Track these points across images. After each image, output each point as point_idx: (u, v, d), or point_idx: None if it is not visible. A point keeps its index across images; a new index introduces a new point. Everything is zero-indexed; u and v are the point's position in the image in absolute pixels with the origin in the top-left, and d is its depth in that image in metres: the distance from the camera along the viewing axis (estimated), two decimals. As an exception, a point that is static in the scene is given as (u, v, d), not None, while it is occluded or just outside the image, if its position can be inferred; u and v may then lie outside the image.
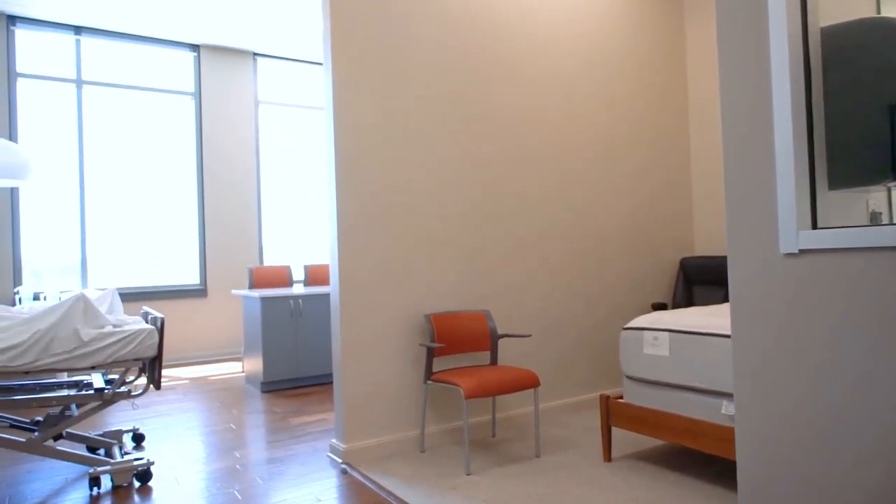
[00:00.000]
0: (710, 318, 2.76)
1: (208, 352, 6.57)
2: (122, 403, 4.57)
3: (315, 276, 6.07)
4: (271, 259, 7.08)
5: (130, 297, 6.14)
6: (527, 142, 3.86)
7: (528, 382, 3.09)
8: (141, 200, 6.41)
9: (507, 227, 3.75)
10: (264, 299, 4.83)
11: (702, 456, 3.06)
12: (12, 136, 5.72)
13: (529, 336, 3.27)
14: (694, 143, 4.73)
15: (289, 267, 6.03)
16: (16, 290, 5.60)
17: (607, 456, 3.05)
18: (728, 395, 2.55)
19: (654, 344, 2.85)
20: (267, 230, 7.07)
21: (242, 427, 3.87)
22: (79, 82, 6.11)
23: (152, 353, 2.91)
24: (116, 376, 3.45)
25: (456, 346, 3.35)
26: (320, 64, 7.47)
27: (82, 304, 2.79)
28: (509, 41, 3.80)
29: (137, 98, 6.42)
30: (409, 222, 3.38)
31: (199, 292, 6.56)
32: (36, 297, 5.38)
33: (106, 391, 2.93)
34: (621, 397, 3.10)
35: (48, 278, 5.87)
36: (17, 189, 5.72)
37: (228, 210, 6.78)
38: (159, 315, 3.01)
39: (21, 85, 5.84)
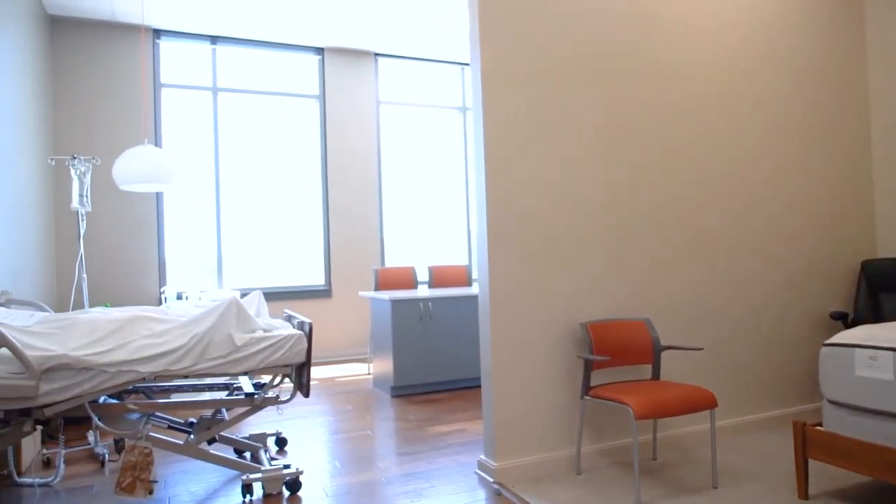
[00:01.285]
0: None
1: (333, 352, 6.62)
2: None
3: (440, 277, 5.93)
4: (392, 260, 7.05)
5: (261, 297, 6.29)
6: (684, 141, 3.46)
7: (704, 403, 2.71)
8: (270, 202, 6.56)
9: (664, 228, 3.37)
10: (394, 302, 4.73)
11: (926, 499, 2.56)
12: (157, 143, 6.02)
13: (701, 349, 2.89)
14: (876, 139, 4.09)
15: (413, 268, 5.93)
16: (161, 289, 5.89)
17: (802, 492, 2.61)
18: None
19: (871, 365, 2.38)
20: (388, 231, 7.04)
21: (379, 434, 3.75)
22: (214, 90, 6.35)
23: (301, 358, 2.82)
24: (260, 380, 3.43)
25: (615, 359, 3.03)
26: (439, 61, 7.35)
27: (235, 309, 2.75)
28: (667, 38, 3.41)
29: (267, 103, 6.58)
30: (560, 224, 3.10)
31: (324, 293, 6.63)
32: (179, 297, 5.61)
33: (256, 396, 2.88)
34: (819, 424, 2.65)
35: (187, 278, 6.13)
36: (161, 193, 6.02)
37: (351, 211, 6.80)
38: (306, 319, 2.92)
39: (164, 94, 6.14)
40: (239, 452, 3.40)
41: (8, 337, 2.32)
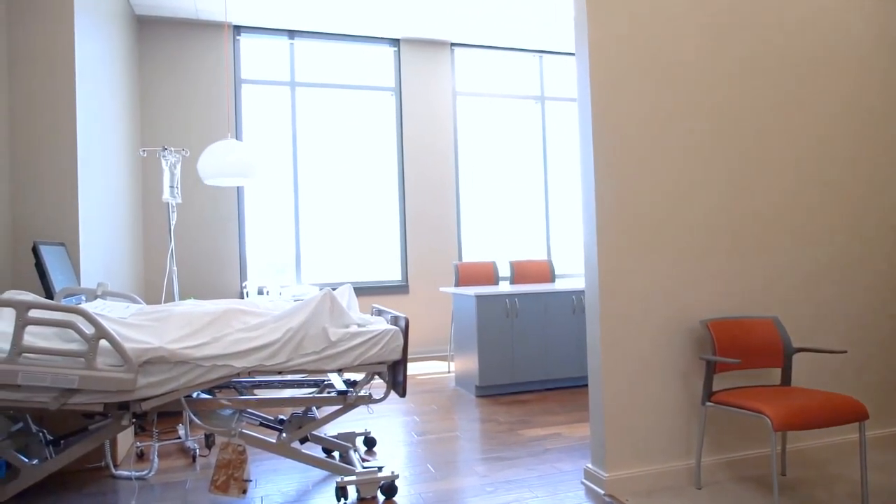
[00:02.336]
0: None
1: (412, 350, 6.49)
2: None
3: (522, 272, 5.70)
4: (470, 255, 6.85)
5: (339, 292, 6.24)
6: (810, 137, 3.09)
7: (854, 414, 2.37)
8: (346, 196, 6.50)
9: (787, 224, 3.01)
10: (480, 298, 4.53)
11: None
12: (238, 139, 6.05)
13: (844, 352, 2.54)
14: None
15: (494, 263, 5.72)
16: (243, 284, 5.92)
17: (977, 521, 2.23)
18: None
19: None
20: (465, 225, 6.86)
21: (470, 437, 3.56)
22: (293, 84, 6.33)
23: (397, 355, 2.66)
24: (352, 377, 3.30)
25: (742, 361, 2.71)
26: (516, 49, 7.10)
27: (329, 303, 2.61)
28: (793, 27, 3.05)
29: (344, 97, 6.52)
30: (674, 218, 2.81)
31: (401, 288, 6.51)
32: (260, 292, 5.61)
33: (349, 395, 2.74)
34: None
35: (266, 274, 6.14)
36: (242, 189, 6.05)
37: (428, 204, 6.66)
38: (401, 314, 2.76)
39: (244, 90, 6.17)
40: (327, 451, 3.29)
41: (107, 328, 2.26)
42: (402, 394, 2.67)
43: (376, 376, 2.79)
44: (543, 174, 7.21)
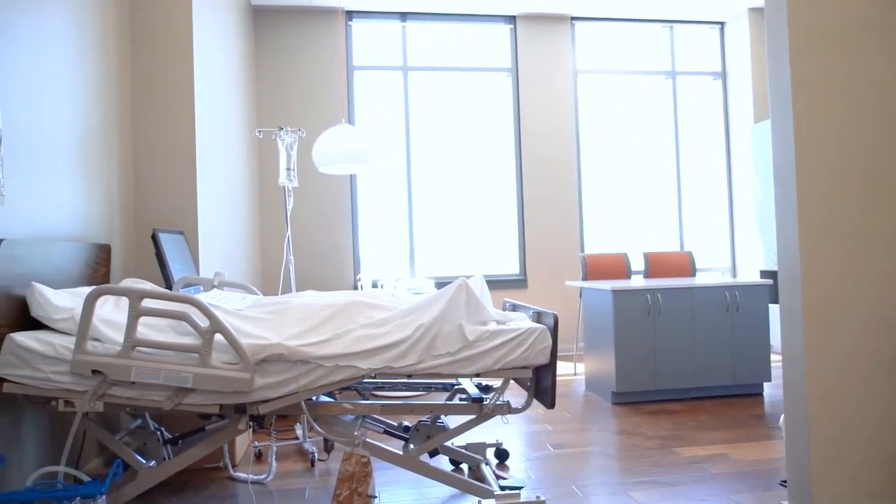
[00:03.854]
0: None
1: (530, 348, 6.04)
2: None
3: (658, 265, 5.09)
4: (592, 246, 6.30)
5: (454, 286, 5.90)
6: None
7: None
8: (460, 184, 6.16)
9: None
10: (617, 293, 4.00)
11: None
12: (351, 127, 5.87)
13: None
14: None
15: (626, 255, 5.15)
16: (357, 277, 5.74)
17: None
18: None
19: None
20: (588, 214, 6.31)
21: (615, 453, 3.07)
22: (405, 69, 6.07)
23: (544, 359, 2.24)
24: (484, 381, 2.92)
25: None
26: (642, 21, 6.43)
27: (465, 295, 2.23)
28: None
29: (458, 80, 6.17)
30: (889, 196, 2.18)
31: (519, 282, 6.08)
32: (374, 286, 5.39)
33: (485, 403, 2.35)
34: None
35: (379, 266, 5.93)
36: (355, 178, 5.87)
37: (548, 192, 6.17)
38: (547, 310, 2.33)
39: (356, 77, 5.98)
40: (455, 463, 2.93)
41: (222, 321, 2.01)
42: (551, 404, 2.25)
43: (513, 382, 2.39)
44: (675, 157, 6.50)
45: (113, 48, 3.25)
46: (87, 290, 2.28)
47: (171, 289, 2.88)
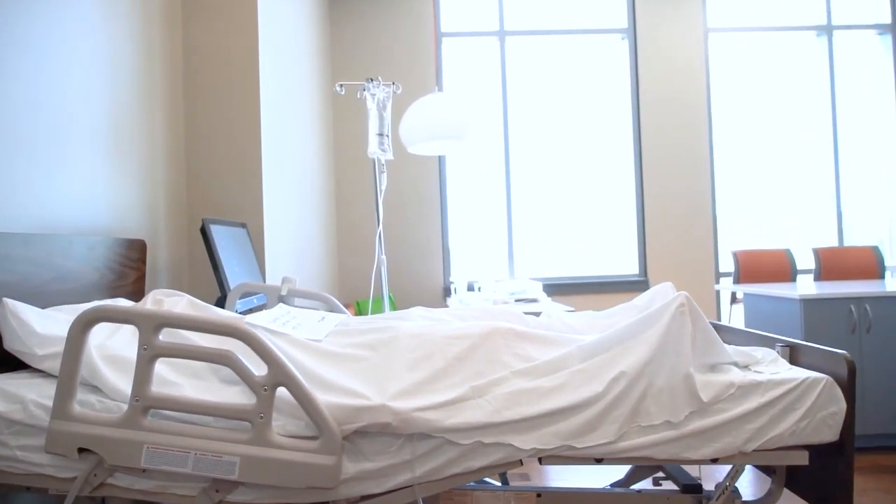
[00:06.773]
0: None
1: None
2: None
3: (832, 264, 3.97)
4: (726, 240, 5.20)
5: (556, 289, 4.97)
6: None
7: None
8: (566, 169, 5.20)
9: None
10: (808, 302, 2.96)
11: None
12: (439, 103, 5.03)
13: None
14: None
15: (788, 251, 4.06)
16: (450, 279, 4.90)
17: None
18: None
19: None
20: (722, 201, 5.21)
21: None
22: (501, 34, 5.17)
23: (829, 434, 1.29)
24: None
25: None
26: (794, -36, 5.25)
27: (688, 324, 1.31)
28: None
29: (563, 45, 5.21)
30: None
31: (639, 284, 5.08)
32: (470, 288, 4.55)
33: (706, 498, 1.43)
34: None
35: (471, 265, 5.08)
36: (444, 160, 5.03)
37: (673, 176, 5.13)
38: (830, 348, 1.38)
39: (445, 44, 5.14)
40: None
41: (290, 370, 1.18)
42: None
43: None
44: (833, 132, 5.29)
45: (157, 9, 2.52)
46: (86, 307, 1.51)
47: (225, 299, 2.12)
